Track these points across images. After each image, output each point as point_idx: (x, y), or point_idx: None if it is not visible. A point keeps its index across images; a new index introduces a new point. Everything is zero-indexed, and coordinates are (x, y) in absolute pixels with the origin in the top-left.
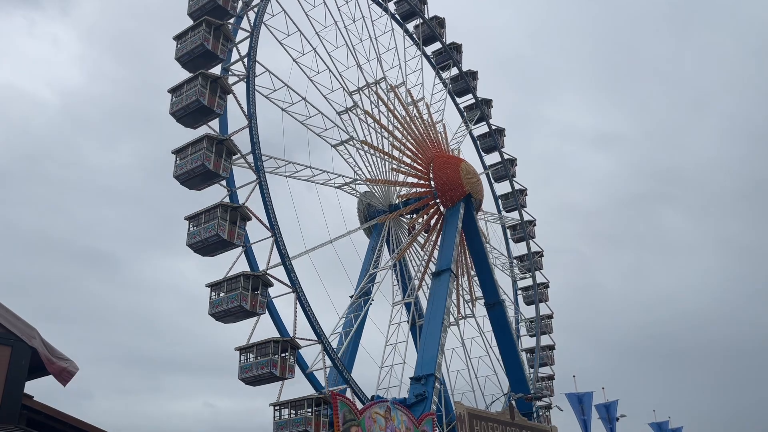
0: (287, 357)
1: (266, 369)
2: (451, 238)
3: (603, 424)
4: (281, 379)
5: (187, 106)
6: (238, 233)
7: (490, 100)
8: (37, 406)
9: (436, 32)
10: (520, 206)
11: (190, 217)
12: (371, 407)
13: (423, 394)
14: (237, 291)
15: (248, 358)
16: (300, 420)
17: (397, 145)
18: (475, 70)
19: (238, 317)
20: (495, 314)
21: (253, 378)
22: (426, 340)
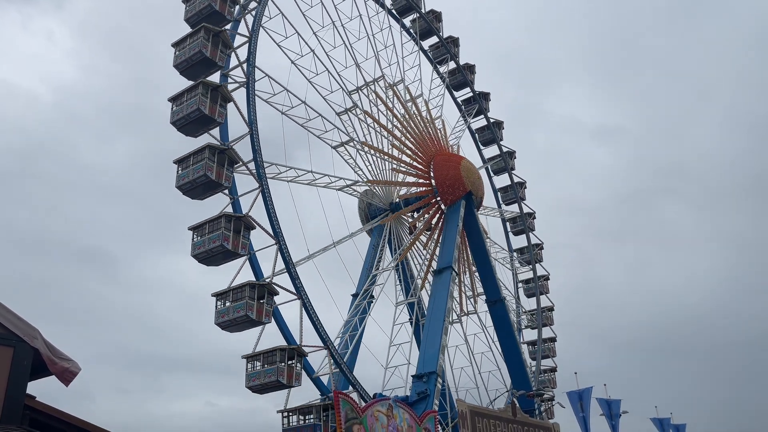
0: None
1: (273, 377)
2: (452, 236)
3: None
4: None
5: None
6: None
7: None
8: (40, 407)
9: (433, 26)
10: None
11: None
12: (373, 405)
13: (425, 391)
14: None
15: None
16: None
17: (397, 145)
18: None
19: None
20: (496, 311)
21: (260, 386)
22: (427, 337)
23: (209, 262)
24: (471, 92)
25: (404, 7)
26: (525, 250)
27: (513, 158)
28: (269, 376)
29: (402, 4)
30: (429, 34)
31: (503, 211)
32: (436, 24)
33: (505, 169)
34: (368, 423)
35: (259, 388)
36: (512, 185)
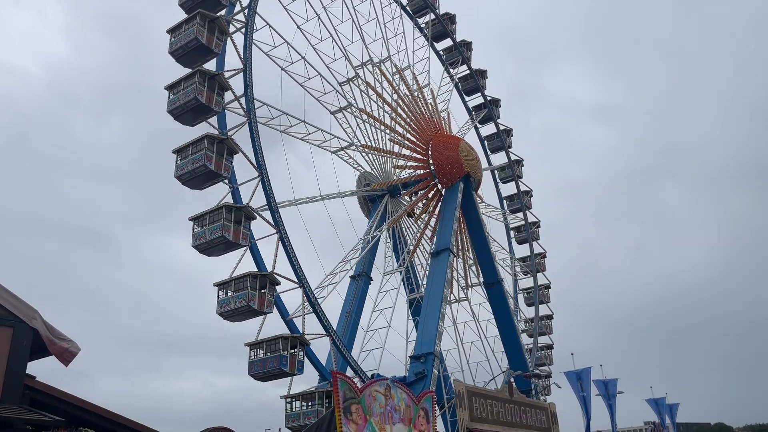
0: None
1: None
2: (450, 218)
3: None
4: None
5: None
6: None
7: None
8: (40, 387)
9: (448, 28)
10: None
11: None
12: (371, 385)
13: (422, 372)
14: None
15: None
16: (312, 413)
17: (394, 137)
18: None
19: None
20: (494, 293)
21: (263, 374)
22: (425, 319)
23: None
24: (482, 97)
25: (419, 7)
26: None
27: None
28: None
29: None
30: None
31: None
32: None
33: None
34: (366, 403)
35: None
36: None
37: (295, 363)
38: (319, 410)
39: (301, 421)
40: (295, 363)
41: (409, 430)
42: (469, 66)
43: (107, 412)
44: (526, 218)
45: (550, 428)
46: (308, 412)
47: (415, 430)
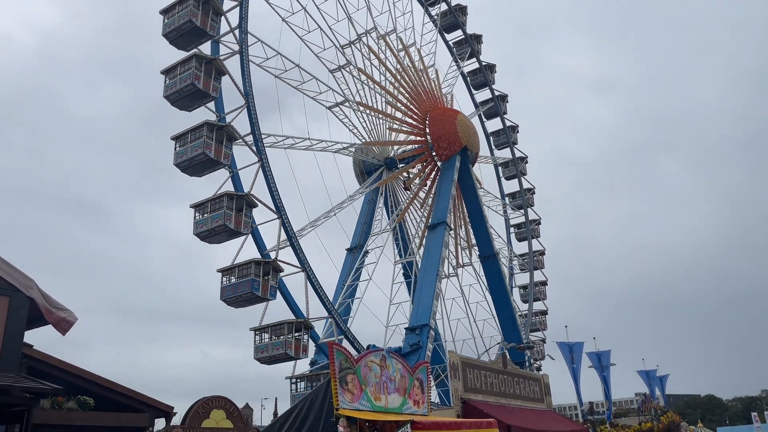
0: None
1: (281, 350)
2: (447, 191)
3: (596, 372)
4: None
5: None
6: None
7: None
8: (38, 355)
9: (459, 20)
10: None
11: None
12: (367, 356)
13: (417, 343)
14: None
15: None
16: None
17: (392, 102)
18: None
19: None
20: (489, 266)
21: (268, 358)
22: (421, 291)
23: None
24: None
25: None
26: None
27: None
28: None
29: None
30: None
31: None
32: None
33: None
34: (362, 373)
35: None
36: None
37: (299, 347)
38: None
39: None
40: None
41: (404, 399)
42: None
43: (105, 380)
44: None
45: (543, 399)
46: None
47: (410, 400)
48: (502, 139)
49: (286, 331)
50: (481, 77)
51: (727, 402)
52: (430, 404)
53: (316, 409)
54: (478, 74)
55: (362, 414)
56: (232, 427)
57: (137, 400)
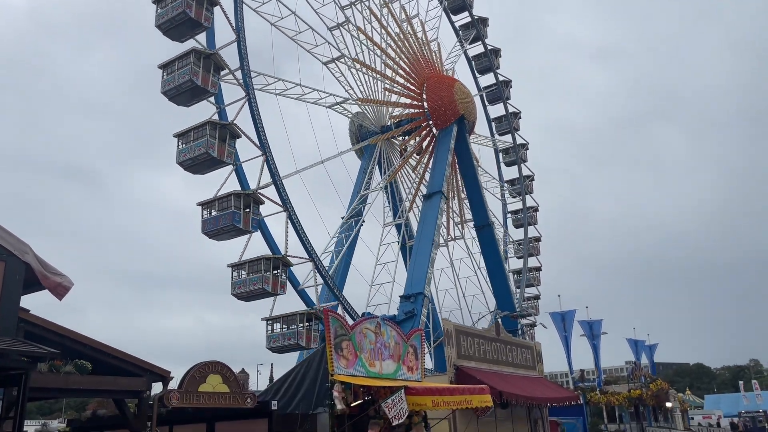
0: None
1: (258, 285)
2: (443, 160)
3: (588, 340)
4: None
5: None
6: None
7: (486, 18)
8: (34, 320)
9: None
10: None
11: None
12: (362, 323)
13: (412, 311)
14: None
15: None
16: (292, 333)
17: (390, 64)
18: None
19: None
20: (484, 236)
21: (245, 294)
22: (416, 260)
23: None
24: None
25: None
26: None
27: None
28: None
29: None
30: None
31: (496, 140)
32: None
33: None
34: (356, 340)
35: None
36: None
37: (278, 283)
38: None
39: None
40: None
41: (398, 366)
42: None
43: (102, 344)
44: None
45: (534, 366)
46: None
47: (404, 366)
48: (504, 126)
49: (264, 266)
50: (485, 62)
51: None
52: (424, 370)
53: (311, 374)
54: (482, 58)
55: (357, 379)
56: (229, 392)
57: (134, 365)
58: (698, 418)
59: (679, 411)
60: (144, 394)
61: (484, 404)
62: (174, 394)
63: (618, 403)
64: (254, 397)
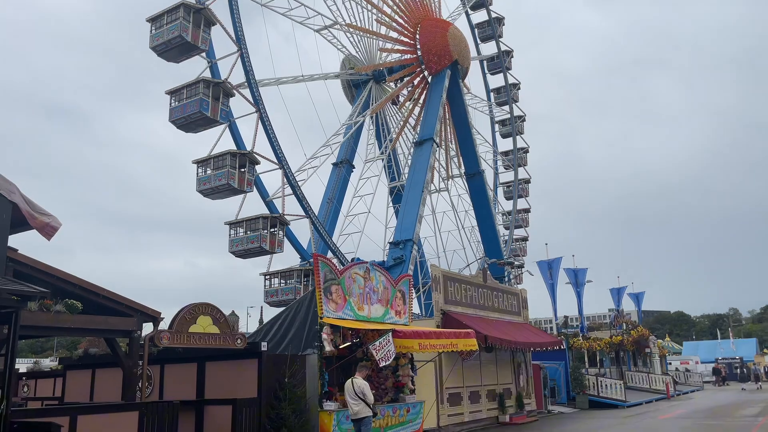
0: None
1: (256, 243)
2: (435, 107)
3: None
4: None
5: None
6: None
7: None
8: (23, 259)
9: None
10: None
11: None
12: (351, 268)
13: (401, 257)
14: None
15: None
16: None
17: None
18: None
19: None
20: (474, 184)
21: (243, 251)
22: (405, 207)
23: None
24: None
25: None
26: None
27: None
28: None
29: None
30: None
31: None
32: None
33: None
34: (346, 284)
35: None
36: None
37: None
38: (297, 287)
39: (280, 297)
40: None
41: (386, 310)
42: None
43: (91, 285)
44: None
45: (520, 312)
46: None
47: (392, 310)
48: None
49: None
50: (489, 30)
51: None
52: (412, 315)
53: (301, 316)
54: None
55: (345, 323)
56: (219, 333)
57: (124, 305)
58: (676, 363)
59: (657, 356)
60: (135, 334)
61: (470, 348)
62: (165, 334)
63: (599, 348)
64: (244, 339)
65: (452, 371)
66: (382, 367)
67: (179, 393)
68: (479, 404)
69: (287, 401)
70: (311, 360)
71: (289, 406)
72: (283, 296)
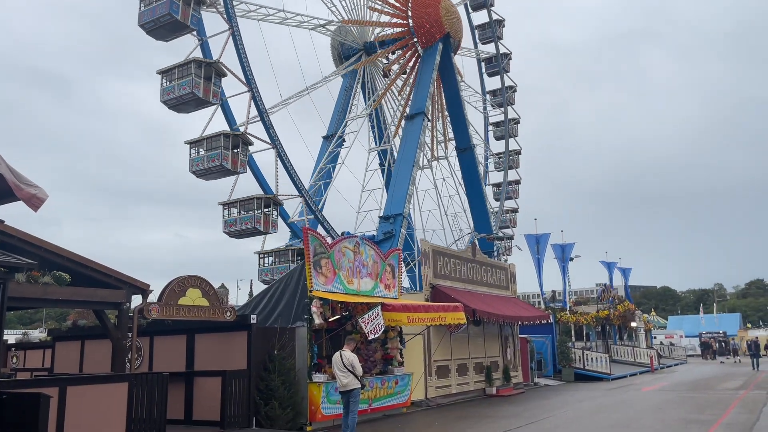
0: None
1: (250, 224)
2: (427, 81)
3: (557, 263)
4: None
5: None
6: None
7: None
8: (10, 230)
9: None
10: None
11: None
12: (341, 242)
13: (391, 232)
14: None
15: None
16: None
17: None
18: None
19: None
20: (465, 159)
21: (237, 232)
22: (396, 181)
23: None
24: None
25: None
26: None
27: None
28: (246, 223)
29: None
30: None
31: (479, 51)
32: None
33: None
34: (335, 258)
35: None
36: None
37: (269, 222)
38: (291, 266)
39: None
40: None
41: (376, 284)
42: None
43: (79, 257)
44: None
45: (508, 287)
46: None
47: (381, 284)
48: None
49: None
50: None
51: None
52: (401, 289)
53: (290, 290)
54: None
55: (335, 296)
56: (209, 305)
57: (113, 277)
58: (660, 337)
59: (643, 330)
60: (124, 306)
61: (458, 321)
62: (154, 307)
63: (586, 322)
64: (234, 311)
65: (440, 344)
66: (371, 340)
67: (169, 365)
68: (467, 377)
69: (276, 373)
70: (300, 333)
71: (278, 378)
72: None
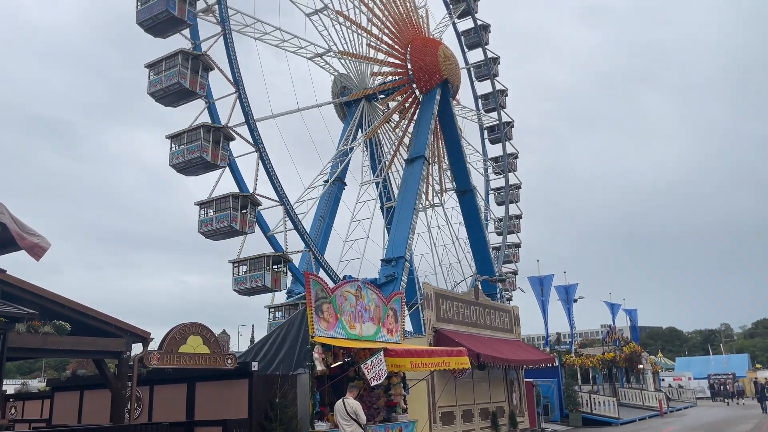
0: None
1: (226, 223)
2: (426, 125)
3: (562, 305)
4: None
5: None
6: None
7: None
8: (11, 280)
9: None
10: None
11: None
12: (342, 286)
13: (393, 275)
14: (226, 211)
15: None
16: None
17: (376, 22)
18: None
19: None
20: (466, 201)
21: (212, 231)
22: (397, 224)
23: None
24: None
25: None
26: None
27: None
28: (222, 221)
29: None
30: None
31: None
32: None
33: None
34: (337, 302)
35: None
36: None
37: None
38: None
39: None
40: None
41: (378, 328)
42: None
43: (80, 305)
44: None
45: (512, 329)
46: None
47: (384, 329)
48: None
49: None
50: (474, 37)
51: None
52: (404, 333)
53: (292, 336)
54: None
55: (337, 341)
56: (209, 353)
57: (113, 326)
58: (669, 379)
59: (650, 372)
60: (124, 355)
61: (462, 366)
62: (154, 355)
63: (592, 365)
64: (235, 359)
65: (445, 390)
66: (374, 386)
67: (169, 414)
68: (472, 423)
69: (278, 422)
70: (302, 380)
71: (280, 427)
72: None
